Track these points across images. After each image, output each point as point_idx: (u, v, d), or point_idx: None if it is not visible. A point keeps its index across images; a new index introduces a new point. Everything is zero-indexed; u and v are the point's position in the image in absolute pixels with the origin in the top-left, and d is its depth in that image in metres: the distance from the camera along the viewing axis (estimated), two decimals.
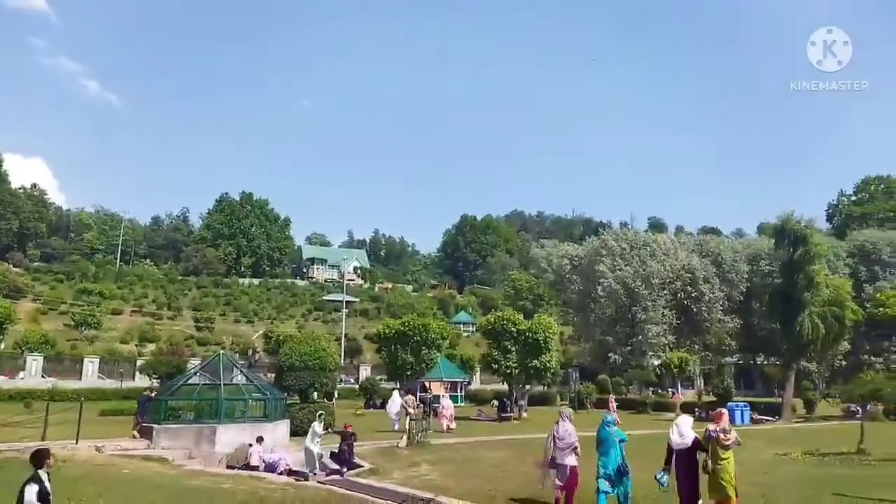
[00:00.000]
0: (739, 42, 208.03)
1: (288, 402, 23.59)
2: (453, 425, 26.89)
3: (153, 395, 22.37)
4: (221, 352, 23.42)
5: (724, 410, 10.74)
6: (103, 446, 17.56)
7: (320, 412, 19.43)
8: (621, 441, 11.46)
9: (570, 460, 11.38)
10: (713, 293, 51.97)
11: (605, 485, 10.97)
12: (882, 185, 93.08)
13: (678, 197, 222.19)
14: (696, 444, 10.30)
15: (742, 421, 30.82)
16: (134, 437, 19.75)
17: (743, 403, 33.49)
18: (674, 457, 10.53)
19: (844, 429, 25.36)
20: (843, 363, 52.66)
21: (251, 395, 20.93)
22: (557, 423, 11.93)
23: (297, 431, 21.16)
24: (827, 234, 65.60)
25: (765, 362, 58.16)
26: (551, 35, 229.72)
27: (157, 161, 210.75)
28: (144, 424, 20.02)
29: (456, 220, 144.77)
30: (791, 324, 36.64)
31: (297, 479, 15.64)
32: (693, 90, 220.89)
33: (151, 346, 62.17)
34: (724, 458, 9.87)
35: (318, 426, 17.46)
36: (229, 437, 18.68)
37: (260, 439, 18.02)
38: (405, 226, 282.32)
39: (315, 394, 26.40)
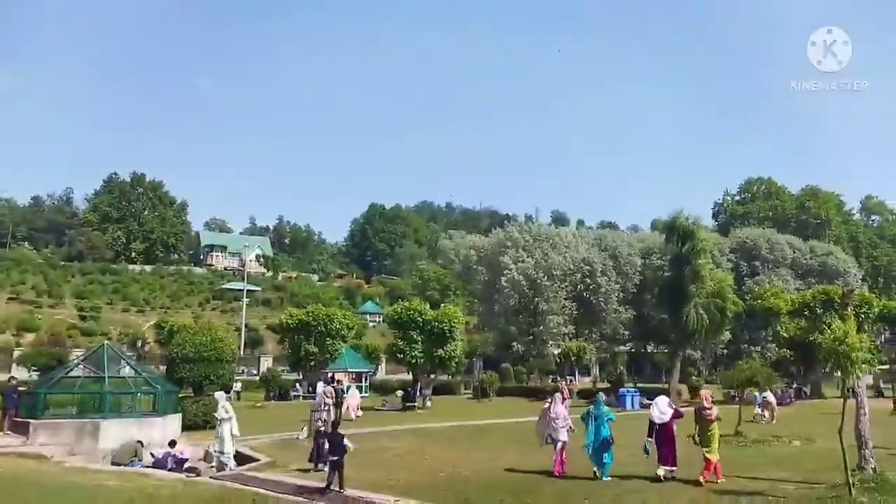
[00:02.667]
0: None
1: (181, 395, 22.57)
2: (360, 413, 27.63)
3: (21, 387, 20.72)
4: (106, 342, 22.04)
5: (707, 392, 13.89)
6: None
7: (218, 392, 18.49)
8: (609, 419, 13.80)
9: (563, 436, 13.93)
10: (609, 285, 54.33)
11: (597, 451, 13.43)
12: (763, 187, 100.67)
13: (581, 192, 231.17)
14: (673, 418, 13.22)
15: (632, 406, 32.43)
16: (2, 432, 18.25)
17: (634, 389, 35.27)
18: (654, 429, 13.20)
19: (724, 413, 27.25)
20: (725, 351, 56.68)
21: (139, 389, 19.79)
22: (549, 405, 14.50)
23: (191, 426, 20.29)
24: (712, 231, 70.15)
25: (654, 350, 61.61)
26: (475, 20, 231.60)
27: (37, 137, 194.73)
28: (18, 419, 18.50)
29: (364, 208, 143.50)
30: (678, 314, 38.99)
31: (188, 475, 14.95)
32: (614, 87, 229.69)
33: (31, 337, 57.76)
34: (710, 430, 12.63)
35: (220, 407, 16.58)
36: (114, 432, 17.62)
37: (173, 443, 17.02)
38: (311, 213, 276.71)
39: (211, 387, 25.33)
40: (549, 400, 14.88)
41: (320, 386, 28.87)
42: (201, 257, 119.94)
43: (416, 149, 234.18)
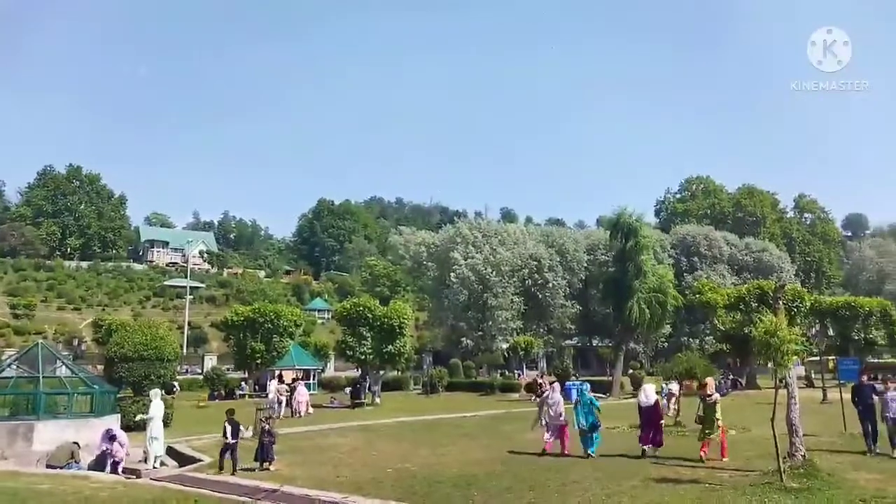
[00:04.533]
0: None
1: (120, 395, 21.85)
2: (311, 411, 28.12)
3: None
4: (41, 341, 21.12)
5: (710, 380, 15.52)
6: None
7: (154, 390, 18.07)
8: (595, 407, 15.50)
9: (562, 420, 15.57)
10: (556, 280, 55.29)
11: (585, 433, 15.12)
12: (702, 185, 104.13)
13: (529, 189, 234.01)
14: (657, 403, 15.42)
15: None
16: None
17: (580, 382, 35.94)
18: (642, 412, 15.23)
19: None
20: (666, 344, 58.50)
21: (76, 389, 19.05)
22: (547, 393, 16.30)
23: (130, 426, 19.65)
24: (654, 228, 72.22)
25: (599, 344, 63.04)
26: (425, 11, 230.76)
27: None
28: None
29: (313, 203, 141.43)
30: (622, 308, 39.95)
31: (128, 477, 14.50)
32: (572, 86, 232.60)
33: None
34: (710, 410, 14.23)
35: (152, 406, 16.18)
36: (49, 434, 16.89)
37: (111, 436, 16.37)
38: (258, 208, 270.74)
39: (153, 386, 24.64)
40: (548, 389, 16.96)
41: (273, 384, 29.92)
42: (141, 253, 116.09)
43: (365, 144, 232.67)
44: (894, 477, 11.92)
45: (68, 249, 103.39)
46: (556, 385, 16.92)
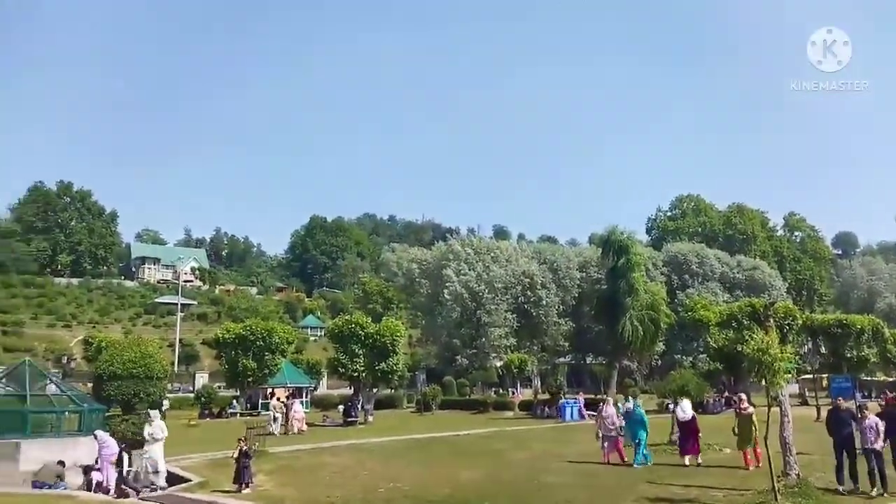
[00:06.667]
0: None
1: (109, 413, 21.59)
2: (305, 428, 28.63)
3: None
4: (27, 359, 20.90)
5: (743, 395, 15.78)
6: None
7: (146, 410, 17.85)
8: (642, 420, 16.69)
9: (613, 432, 17.03)
10: (550, 298, 55.28)
11: (637, 447, 16.35)
12: (693, 204, 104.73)
13: (521, 206, 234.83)
14: (694, 417, 16.89)
15: (572, 417, 32.91)
16: None
17: (573, 400, 35.79)
18: (680, 426, 16.90)
19: (658, 423, 28.05)
20: (659, 362, 58.38)
21: (64, 407, 18.81)
22: (603, 407, 17.82)
23: (119, 445, 19.37)
24: (646, 246, 72.43)
25: (593, 362, 62.89)
26: (415, 28, 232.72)
27: None
28: None
29: (305, 220, 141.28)
30: (615, 326, 39.99)
31: (116, 497, 14.28)
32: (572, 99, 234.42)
33: None
34: (745, 422, 14.75)
35: (147, 428, 15.97)
36: (35, 453, 16.63)
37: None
38: (250, 225, 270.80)
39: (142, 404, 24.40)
40: (602, 403, 18.59)
41: (273, 402, 30.91)
42: (132, 270, 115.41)
43: (358, 160, 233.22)
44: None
45: (59, 266, 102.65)
46: (610, 401, 18.64)
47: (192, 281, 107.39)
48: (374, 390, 36.48)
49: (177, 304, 71.39)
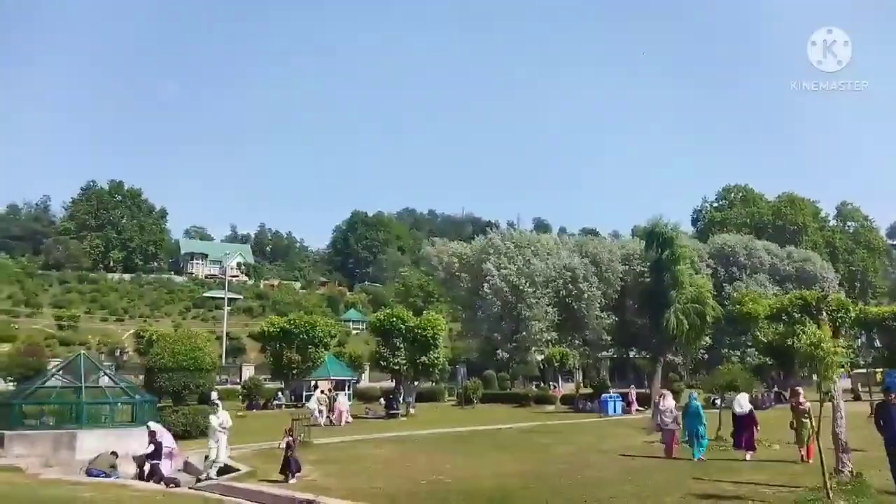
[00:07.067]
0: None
1: (160, 405, 22.29)
2: (350, 419, 29.26)
3: None
4: (83, 352, 21.73)
5: (800, 389, 15.78)
6: None
7: (213, 402, 18.41)
8: (699, 415, 16.58)
9: (673, 426, 17.21)
10: (591, 291, 54.58)
11: (697, 440, 16.38)
12: (740, 194, 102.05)
13: (562, 199, 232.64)
14: (751, 411, 17.07)
15: (615, 411, 32.55)
16: None
17: (616, 395, 35.42)
18: (736, 420, 17.12)
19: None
20: (706, 356, 57.12)
21: (117, 399, 19.52)
22: (661, 400, 18.44)
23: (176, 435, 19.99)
24: (691, 238, 70.85)
25: (636, 356, 61.94)
26: (455, 22, 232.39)
27: (12, 145, 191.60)
28: None
29: (347, 215, 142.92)
30: (659, 320, 39.23)
31: (167, 486, 14.75)
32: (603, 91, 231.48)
33: (7, 347, 56.64)
34: (804, 419, 14.50)
35: (213, 419, 16.40)
36: (91, 443, 17.32)
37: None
38: (293, 221, 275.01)
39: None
40: (660, 396, 19.11)
41: (316, 394, 31.10)
42: (181, 265, 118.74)
43: (398, 155, 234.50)
44: None
45: (111, 262, 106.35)
46: (668, 393, 18.93)
47: (237, 276, 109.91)
48: (416, 383, 36.72)
49: (223, 298, 73.09)
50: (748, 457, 15.97)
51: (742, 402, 17.25)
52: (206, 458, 16.22)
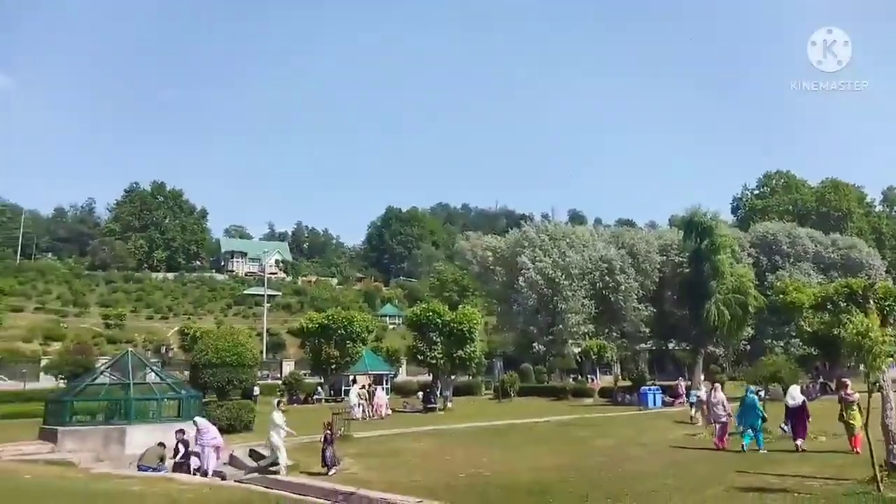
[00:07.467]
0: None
1: (205, 400, 22.85)
2: (389, 412, 30.56)
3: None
4: (130, 349, 22.38)
5: (847, 380, 15.65)
6: (1, 451, 16.41)
7: (278, 399, 18.85)
8: (755, 408, 16.73)
9: (724, 418, 17.54)
10: (628, 283, 53.91)
11: (748, 431, 16.60)
12: (782, 180, 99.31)
13: (598, 190, 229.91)
14: (804, 403, 16.97)
15: (654, 404, 32.18)
16: None
17: (655, 387, 35.03)
18: (789, 412, 17.17)
19: None
20: (748, 347, 55.94)
21: (164, 394, 20.09)
22: (712, 392, 18.73)
23: (221, 429, 20.51)
24: (731, 226, 69.28)
25: (676, 348, 61.01)
26: (486, 19, 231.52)
27: (58, 149, 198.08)
28: (46, 427, 18.85)
29: (381, 211, 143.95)
30: (699, 311, 38.61)
31: (214, 479, 15.13)
32: (633, 86, 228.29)
33: (57, 345, 58.65)
34: (852, 410, 14.67)
35: (277, 415, 16.75)
36: (140, 437, 17.86)
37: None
38: (329, 218, 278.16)
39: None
40: (711, 388, 19.24)
41: (355, 388, 31.58)
42: (222, 263, 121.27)
43: (431, 151, 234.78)
44: None
45: (155, 262, 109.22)
46: (718, 386, 19.17)
47: (276, 273, 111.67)
48: (453, 377, 36.87)
49: (263, 295, 74.33)
50: (799, 443, 16.03)
51: (794, 394, 17.43)
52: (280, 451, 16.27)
